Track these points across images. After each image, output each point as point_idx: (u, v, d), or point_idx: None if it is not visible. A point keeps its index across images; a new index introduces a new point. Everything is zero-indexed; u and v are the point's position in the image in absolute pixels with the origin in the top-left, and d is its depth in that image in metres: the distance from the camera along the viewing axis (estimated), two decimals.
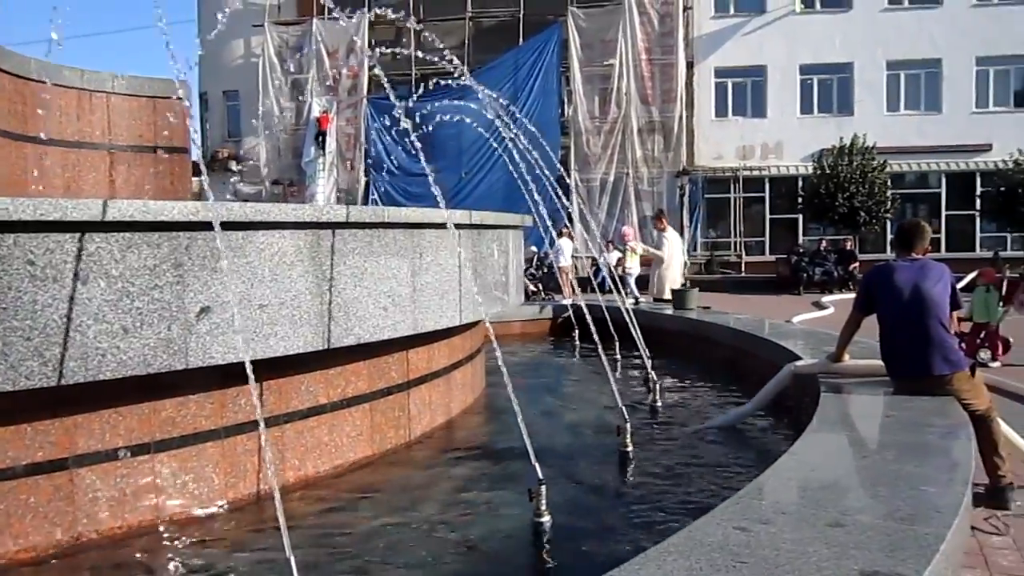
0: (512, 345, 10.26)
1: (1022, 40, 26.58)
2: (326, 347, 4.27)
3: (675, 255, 12.52)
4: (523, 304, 12.75)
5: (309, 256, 4.17)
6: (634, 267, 14.62)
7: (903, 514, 2.66)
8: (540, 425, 5.68)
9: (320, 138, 27.69)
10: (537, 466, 3.76)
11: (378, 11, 20.80)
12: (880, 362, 4.77)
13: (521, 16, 27.52)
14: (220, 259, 3.65)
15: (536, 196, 6.40)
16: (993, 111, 27.21)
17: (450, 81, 7.61)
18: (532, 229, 9.14)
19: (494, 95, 7.79)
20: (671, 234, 12.67)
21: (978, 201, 25.96)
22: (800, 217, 26.72)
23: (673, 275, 12.24)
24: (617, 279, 12.46)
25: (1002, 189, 23.60)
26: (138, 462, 3.85)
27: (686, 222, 27.13)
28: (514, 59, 26.93)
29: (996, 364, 8.87)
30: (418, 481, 4.66)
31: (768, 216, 27.97)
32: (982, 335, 9.08)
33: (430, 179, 5.15)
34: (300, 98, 28.56)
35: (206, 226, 3.59)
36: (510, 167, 5.92)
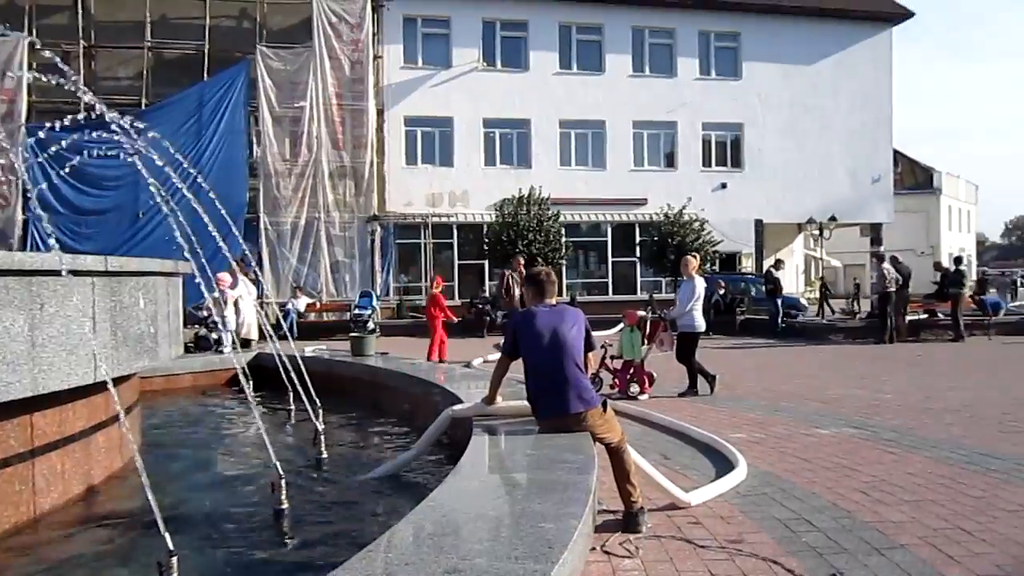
0: (180, 399, 9.58)
1: (669, 108, 30.44)
2: None
3: (247, 299, 13.28)
4: (205, 354, 12.00)
5: None
6: (230, 316, 13.63)
7: (519, 553, 2.76)
8: (192, 486, 5.31)
9: None
10: (167, 536, 3.44)
11: (37, 39, 18.79)
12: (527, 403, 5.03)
13: (207, 51, 26.32)
14: None
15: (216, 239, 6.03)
16: (648, 169, 30.80)
17: (123, 114, 7.00)
18: (191, 277, 8.63)
19: (156, 135, 7.24)
20: (242, 280, 13.38)
21: (637, 249, 28.97)
22: (486, 262, 28.05)
23: (250, 319, 13.09)
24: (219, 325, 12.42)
25: (655, 239, 26.61)
26: None
27: (378, 267, 27.39)
28: (198, 94, 25.61)
29: (644, 397, 9.81)
30: (37, 564, 4.08)
31: (457, 261, 29.06)
32: (631, 371, 10.02)
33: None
34: None
35: None
36: (176, 214, 5.52)
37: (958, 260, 20.71)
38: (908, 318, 18.66)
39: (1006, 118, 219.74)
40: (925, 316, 19.60)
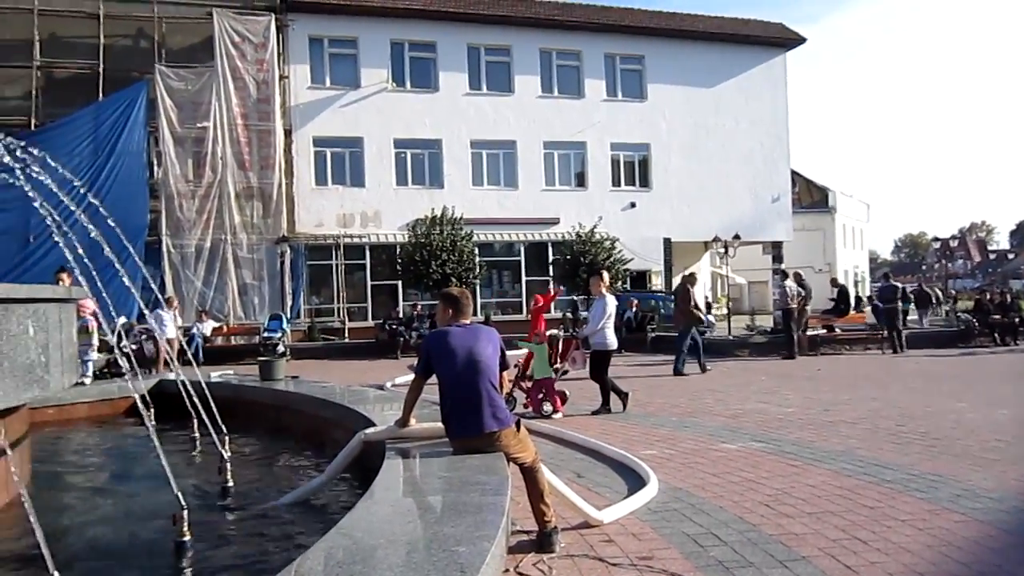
0: (75, 430, 9.15)
1: (578, 129, 30.95)
2: None
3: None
4: (104, 383, 11.44)
5: None
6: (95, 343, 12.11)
7: None
8: (86, 521, 5.05)
9: None
10: (56, 573, 3.26)
11: None
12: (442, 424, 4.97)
13: (101, 70, 25.38)
14: None
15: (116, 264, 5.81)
16: (559, 189, 31.20)
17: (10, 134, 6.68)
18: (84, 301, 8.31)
19: (47, 156, 6.95)
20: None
21: (551, 267, 29.22)
22: (400, 283, 27.81)
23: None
24: None
25: (568, 257, 26.91)
26: None
27: (288, 289, 26.86)
28: (94, 115, 24.68)
29: (558, 416, 9.84)
30: None
31: (369, 282, 28.77)
32: (544, 390, 10.04)
33: None
34: None
35: None
36: (69, 238, 5.28)
37: (887, 275, 21.76)
38: (808, 333, 19.31)
39: (894, 140, 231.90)
40: (824, 331, 20.34)
